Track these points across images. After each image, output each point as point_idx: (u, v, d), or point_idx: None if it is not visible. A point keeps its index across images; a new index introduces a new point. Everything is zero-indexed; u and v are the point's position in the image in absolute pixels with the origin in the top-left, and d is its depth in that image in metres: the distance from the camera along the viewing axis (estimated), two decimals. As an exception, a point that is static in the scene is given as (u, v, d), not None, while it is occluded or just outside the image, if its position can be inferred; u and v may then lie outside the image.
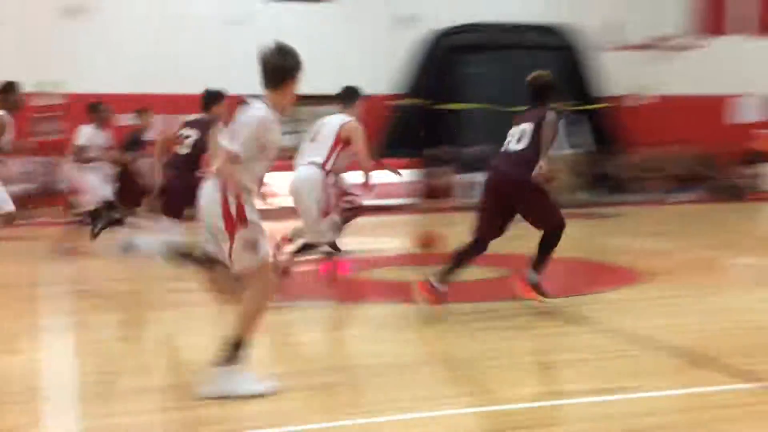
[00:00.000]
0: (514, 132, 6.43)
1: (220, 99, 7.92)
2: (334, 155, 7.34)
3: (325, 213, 7.21)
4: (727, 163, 19.35)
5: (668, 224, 13.98)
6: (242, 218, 4.30)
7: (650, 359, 5.05)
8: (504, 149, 6.45)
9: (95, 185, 10.08)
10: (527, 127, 6.34)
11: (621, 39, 19.17)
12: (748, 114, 21.48)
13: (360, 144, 7.35)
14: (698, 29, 20.33)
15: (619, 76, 19.52)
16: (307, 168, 7.31)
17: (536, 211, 6.31)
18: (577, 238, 11.13)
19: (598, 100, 19.28)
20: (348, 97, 7.78)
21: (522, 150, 6.29)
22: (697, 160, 19.23)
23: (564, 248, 6.45)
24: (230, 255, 4.35)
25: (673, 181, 18.77)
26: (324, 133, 7.46)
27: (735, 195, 18.44)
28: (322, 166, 7.28)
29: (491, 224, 6.37)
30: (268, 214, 4.84)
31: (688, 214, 15.98)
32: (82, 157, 10.11)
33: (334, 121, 7.53)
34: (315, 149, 7.39)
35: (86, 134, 10.20)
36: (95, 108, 10.36)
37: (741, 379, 4.53)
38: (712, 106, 21.35)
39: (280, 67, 4.43)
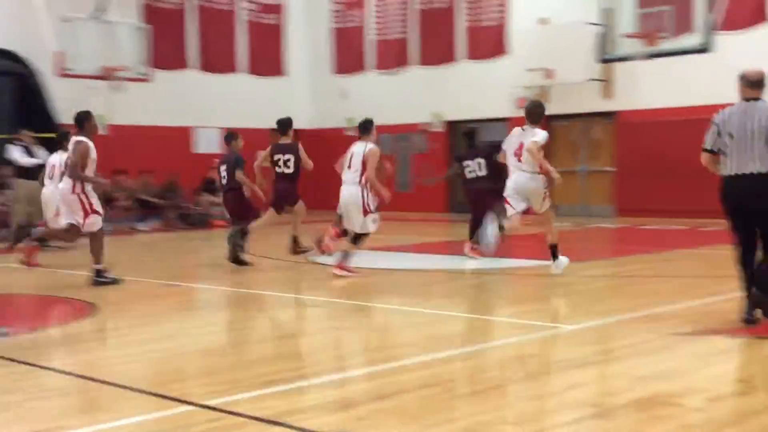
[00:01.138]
0: None
1: (292, 125, 11.86)
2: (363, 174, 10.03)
3: (365, 212, 10.01)
4: (191, 191, 20.34)
5: (130, 253, 14.25)
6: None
7: (101, 392, 5.15)
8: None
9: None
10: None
11: (77, 67, 19.14)
12: (207, 144, 22.87)
13: (370, 164, 10.02)
14: (153, 62, 21.16)
15: (73, 104, 19.45)
16: (349, 187, 10.11)
17: None
18: (32, 273, 10.88)
19: (54, 127, 18.95)
20: (366, 127, 10.39)
21: None
22: (162, 188, 19.91)
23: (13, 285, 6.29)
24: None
25: (138, 210, 19.20)
26: (355, 160, 10.12)
27: (198, 223, 19.45)
28: (359, 184, 10.02)
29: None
30: None
31: (151, 243, 16.46)
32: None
33: (360, 149, 10.17)
34: (352, 172, 10.10)
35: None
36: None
37: (182, 402, 4.84)
38: (176, 137, 22.42)
39: None
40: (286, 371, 5.61)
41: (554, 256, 9.96)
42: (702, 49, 15.45)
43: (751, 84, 6.87)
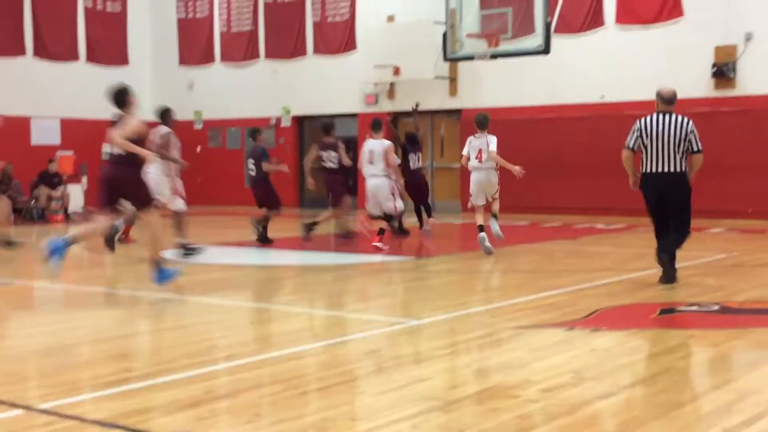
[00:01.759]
0: None
1: (334, 126, 13.66)
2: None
3: (394, 196, 12.42)
4: (27, 184, 19.47)
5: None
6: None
7: None
8: None
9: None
10: None
11: None
12: (46, 135, 21.97)
13: (390, 157, 12.42)
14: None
15: None
16: (376, 179, 12.39)
17: None
18: None
19: None
20: (377, 125, 12.68)
21: None
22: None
23: None
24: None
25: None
26: (376, 155, 12.36)
27: (35, 217, 18.67)
28: (384, 175, 12.40)
29: None
30: None
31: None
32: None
33: (378, 146, 12.49)
34: (376, 166, 12.42)
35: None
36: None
37: (15, 405, 4.62)
38: (12, 126, 21.40)
39: None
40: (125, 372, 5.46)
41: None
42: (541, 51, 16.03)
43: (664, 100, 8.56)
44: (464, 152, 11.59)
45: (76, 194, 20.02)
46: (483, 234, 11.25)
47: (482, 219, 11.44)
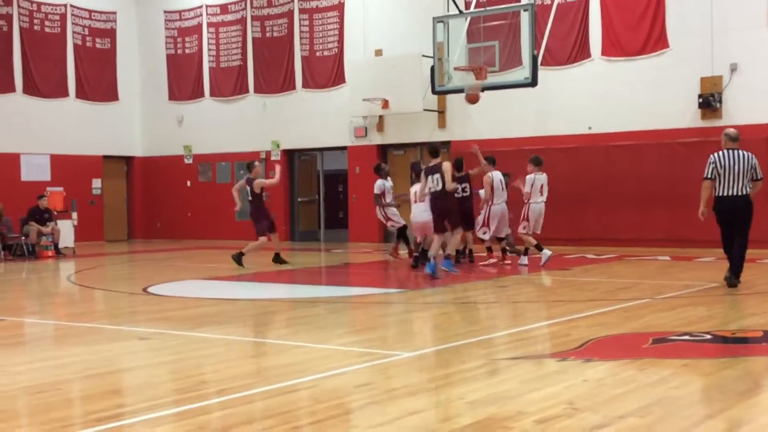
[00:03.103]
0: None
1: (440, 149, 13.51)
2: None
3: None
4: (17, 221, 19.40)
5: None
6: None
7: None
8: None
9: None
10: None
11: None
12: (36, 172, 21.96)
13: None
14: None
15: None
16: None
17: None
18: None
19: None
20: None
21: None
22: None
23: None
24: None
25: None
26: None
27: (29, 254, 18.60)
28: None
29: None
30: None
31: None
32: None
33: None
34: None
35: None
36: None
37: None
38: (2, 163, 21.43)
39: None
40: (116, 408, 5.42)
41: (522, 252, 14.56)
42: (528, 83, 16.16)
43: (731, 139, 10.85)
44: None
45: (66, 230, 19.95)
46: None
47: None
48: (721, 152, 10.80)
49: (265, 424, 4.90)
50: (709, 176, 10.71)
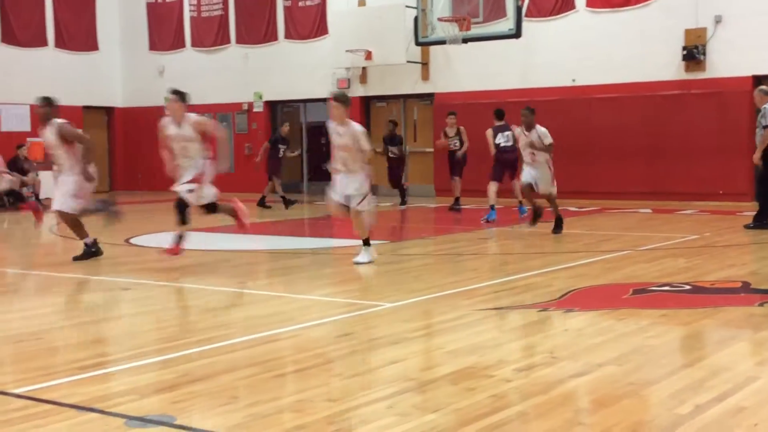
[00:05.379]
0: None
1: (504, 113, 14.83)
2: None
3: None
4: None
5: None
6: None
7: None
8: None
9: None
10: None
11: None
12: (16, 122, 21.73)
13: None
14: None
15: None
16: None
17: None
18: None
19: None
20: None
21: None
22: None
23: None
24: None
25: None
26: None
27: (10, 204, 18.49)
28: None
29: None
30: None
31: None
32: None
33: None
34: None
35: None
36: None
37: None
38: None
39: None
40: (99, 356, 5.45)
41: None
42: (512, 35, 16.06)
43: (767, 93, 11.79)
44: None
45: (47, 181, 19.80)
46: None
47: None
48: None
49: (247, 372, 4.93)
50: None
